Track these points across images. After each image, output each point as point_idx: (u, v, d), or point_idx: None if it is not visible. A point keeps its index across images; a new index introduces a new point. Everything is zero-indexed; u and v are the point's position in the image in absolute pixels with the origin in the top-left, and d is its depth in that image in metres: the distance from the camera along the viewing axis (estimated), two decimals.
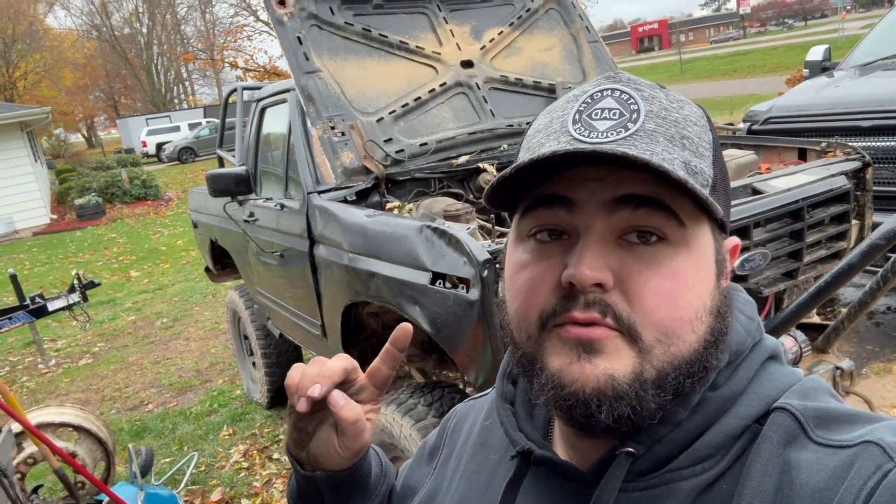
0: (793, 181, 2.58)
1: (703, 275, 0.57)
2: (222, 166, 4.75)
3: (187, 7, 46.00)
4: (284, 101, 3.46)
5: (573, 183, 0.56)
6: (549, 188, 0.57)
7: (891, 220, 1.98)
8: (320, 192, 2.99)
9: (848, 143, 2.97)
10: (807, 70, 6.24)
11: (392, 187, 3.03)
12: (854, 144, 2.97)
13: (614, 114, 0.56)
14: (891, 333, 4.29)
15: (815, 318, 2.94)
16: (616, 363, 0.54)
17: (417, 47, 3.40)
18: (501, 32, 3.65)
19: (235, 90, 4.50)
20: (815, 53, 6.13)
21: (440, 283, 2.13)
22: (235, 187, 3.50)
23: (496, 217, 2.73)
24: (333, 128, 3.01)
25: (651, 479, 0.56)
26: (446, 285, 2.11)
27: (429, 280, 2.17)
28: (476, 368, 2.11)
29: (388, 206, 2.89)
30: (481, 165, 3.16)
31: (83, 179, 17.10)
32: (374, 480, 0.83)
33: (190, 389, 5.26)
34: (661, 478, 0.56)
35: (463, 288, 2.03)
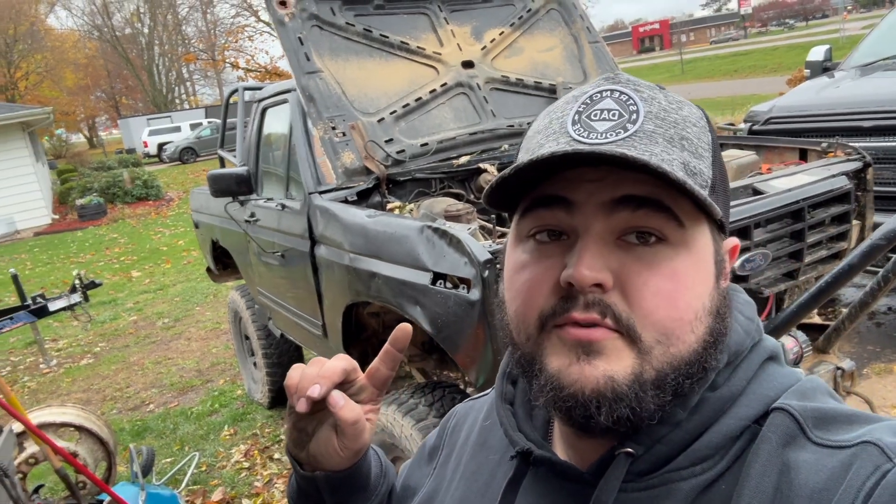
0: (793, 181, 2.58)
1: (703, 275, 0.57)
2: (223, 166, 4.76)
3: (188, 7, 46.07)
4: (285, 102, 3.47)
5: (572, 184, 0.56)
6: (549, 189, 0.57)
7: (891, 221, 1.98)
8: (321, 193, 2.99)
9: (849, 144, 2.97)
10: (808, 70, 6.23)
11: (393, 188, 3.03)
12: (855, 145, 2.97)
13: (613, 115, 0.56)
14: (891, 334, 4.28)
15: (816, 319, 2.95)
16: (616, 364, 0.54)
17: (418, 48, 3.40)
18: (502, 33, 3.65)
19: (237, 90, 4.50)
20: (816, 54, 6.13)
21: (441, 284, 2.13)
22: (237, 187, 3.50)
23: (497, 217, 2.74)
24: (334, 128, 3.01)
25: (650, 480, 0.56)
26: (447, 285, 2.11)
27: (430, 280, 2.17)
28: (477, 369, 2.11)
29: (389, 207, 2.89)
30: (482, 166, 3.16)
31: (84, 180, 17.12)
32: (374, 481, 0.83)
33: (191, 389, 5.27)
34: (661, 478, 0.56)
35: (464, 288, 2.04)
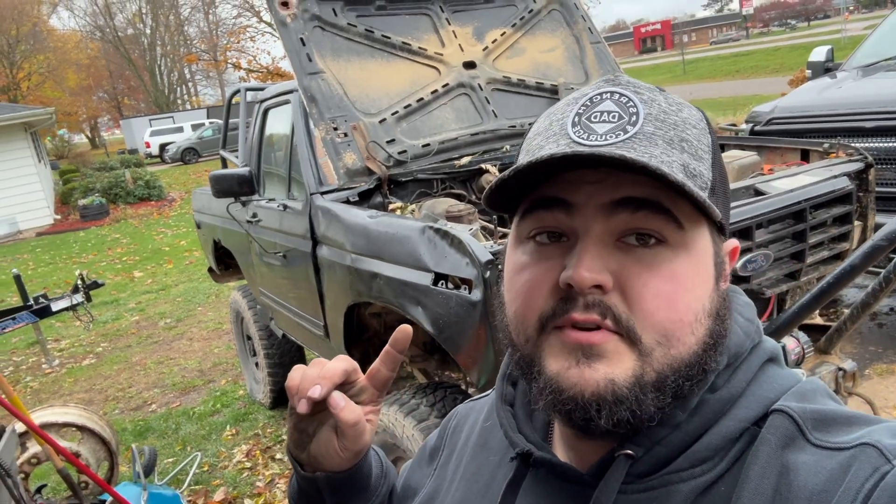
0: (795, 182, 2.58)
1: (702, 277, 0.57)
2: (226, 167, 4.77)
3: (190, 8, 46.14)
4: (287, 102, 3.47)
5: (572, 185, 0.56)
6: (549, 191, 0.57)
7: (893, 222, 1.98)
8: (323, 193, 2.99)
9: (850, 144, 2.96)
10: (809, 71, 6.22)
11: (394, 188, 3.04)
12: (857, 145, 2.97)
13: (613, 116, 0.56)
14: (893, 334, 4.28)
15: (818, 319, 2.94)
16: (617, 367, 0.54)
17: (420, 48, 3.41)
18: (504, 33, 3.65)
19: (239, 91, 4.51)
20: (818, 54, 6.12)
21: (442, 284, 2.13)
22: (238, 188, 3.51)
23: (498, 218, 2.74)
24: (336, 129, 3.01)
25: (650, 481, 0.56)
26: (449, 286, 2.11)
27: (431, 281, 2.18)
28: (478, 369, 2.11)
29: (391, 207, 2.89)
30: (484, 166, 3.16)
31: (87, 180, 17.15)
32: (375, 481, 0.83)
33: (193, 390, 5.27)
34: (660, 480, 0.56)
35: (465, 289, 2.04)
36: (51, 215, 16.28)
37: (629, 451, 0.56)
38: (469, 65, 3.48)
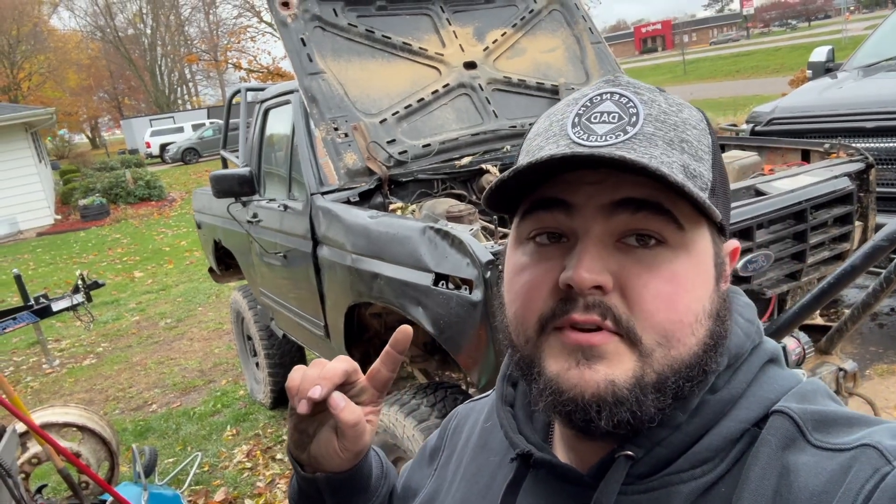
0: (796, 182, 2.58)
1: (703, 278, 0.57)
2: (226, 167, 4.77)
3: (191, 8, 46.17)
4: (288, 103, 3.47)
5: (572, 186, 0.56)
6: (548, 191, 0.57)
7: (894, 222, 1.98)
8: (324, 194, 2.99)
9: (851, 145, 2.96)
10: (810, 71, 6.23)
11: (395, 188, 3.04)
12: (857, 146, 2.97)
13: (613, 117, 0.56)
14: (894, 335, 4.28)
15: (819, 320, 2.94)
16: (617, 368, 0.54)
17: (420, 48, 3.41)
18: (504, 34, 3.65)
19: (239, 91, 4.52)
20: (819, 54, 6.12)
21: (443, 285, 2.13)
22: (239, 188, 3.51)
23: (499, 218, 2.74)
24: (337, 129, 3.02)
25: (650, 482, 0.56)
26: (449, 286, 2.11)
27: (432, 281, 2.18)
28: (479, 369, 2.11)
29: (392, 208, 2.89)
30: (484, 166, 3.16)
31: (87, 180, 17.16)
32: (375, 482, 0.83)
33: (193, 390, 5.28)
34: (661, 481, 0.56)
35: (466, 289, 2.04)
36: (51, 215, 16.30)
37: (629, 452, 0.56)
38: (470, 65, 3.48)
